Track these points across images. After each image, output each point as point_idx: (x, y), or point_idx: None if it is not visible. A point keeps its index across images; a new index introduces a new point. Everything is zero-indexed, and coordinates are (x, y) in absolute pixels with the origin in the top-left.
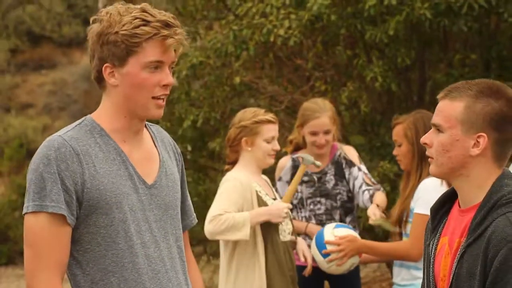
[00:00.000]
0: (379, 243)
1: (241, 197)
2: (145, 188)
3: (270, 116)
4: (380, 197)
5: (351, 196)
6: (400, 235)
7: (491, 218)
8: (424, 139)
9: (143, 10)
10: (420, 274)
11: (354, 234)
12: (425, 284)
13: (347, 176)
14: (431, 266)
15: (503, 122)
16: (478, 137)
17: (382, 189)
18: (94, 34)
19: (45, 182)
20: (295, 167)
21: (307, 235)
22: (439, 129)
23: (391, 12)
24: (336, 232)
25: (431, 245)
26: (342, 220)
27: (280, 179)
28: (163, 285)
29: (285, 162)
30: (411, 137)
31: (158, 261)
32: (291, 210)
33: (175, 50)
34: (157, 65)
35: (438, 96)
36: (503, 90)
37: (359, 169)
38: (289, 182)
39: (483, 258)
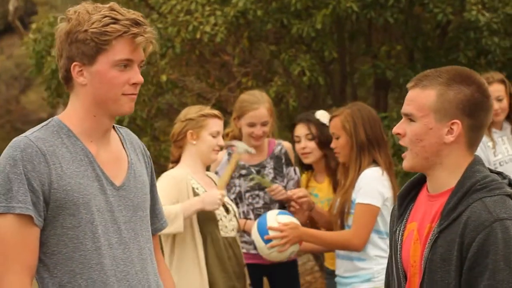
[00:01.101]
0: (321, 231)
1: (175, 190)
2: (113, 189)
3: (216, 111)
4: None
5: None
6: (342, 227)
7: (466, 203)
8: (396, 129)
9: (112, 9)
10: (363, 265)
11: (297, 222)
12: (394, 271)
13: (284, 172)
14: (398, 253)
15: (476, 108)
16: (452, 124)
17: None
18: (62, 33)
19: (12, 183)
20: None
21: (245, 232)
22: (411, 119)
23: (317, 6)
24: (279, 218)
25: (397, 232)
26: None
27: (216, 173)
28: (132, 286)
29: (221, 156)
30: (349, 129)
31: (127, 262)
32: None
33: (144, 49)
34: (126, 64)
35: (408, 86)
36: (473, 76)
37: (295, 172)
38: None
39: (459, 243)
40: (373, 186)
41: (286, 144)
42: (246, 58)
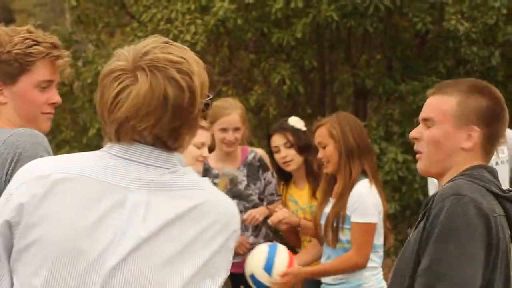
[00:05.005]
0: (324, 265)
1: None
2: None
3: (202, 122)
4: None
5: (262, 198)
6: (335, 240)
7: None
8: (413, 133)
9: (30, 31)
10: (353, 273)
11: (296, 265)
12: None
13: (261, 178)
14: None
15: (494, 119)
16: (471, 130)
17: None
18: None
19: None
20: (205, 170)
21: None
22: (429, 124)
23: (298, 15)
24: (277, 269)
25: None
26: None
27: None
28: None
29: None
30: (337, 135)
31: None
32: None
33: (62, 72)
34: (47, 85)
35: (428, 93)
36: (490, 88)
37: (273, 176)
38: None
39: (426, 219)
40: (367, 203)
41: (260, 151)
42: (226, 67)
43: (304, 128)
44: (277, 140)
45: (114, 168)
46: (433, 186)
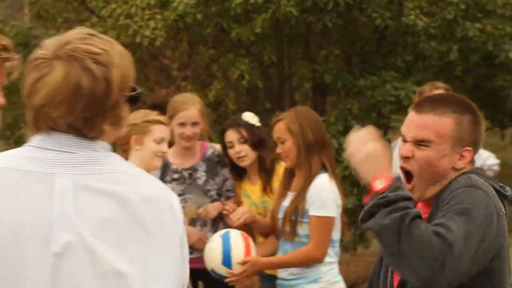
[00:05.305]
0: (281, 256)
1: None
2: None
3: (162, 117)
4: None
5: (221, 194)
6: (293, 234)
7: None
8: (406, 152)
9: None
10: (309, 267)
11: (253, 252)
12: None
13: (220, 173)
14: None
15: (480, 137)
16: (464, 151)
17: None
18: None
19: None
20: (164, 166)
21: None
22: (424, 144)
23: (257, 10)
24: (235, 259)
25: None
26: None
27: None
28: None
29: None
30: (295, 131)
31: None
32: None
33: (9, 74)
34: None
35: (416, 110)
36: (472, 104)
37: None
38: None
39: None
40: (326, 197)
41: (219, 147)
42: (186, 62)
43: (258, 124)
44: (231, 135)
45: (37, 158)
46: None
